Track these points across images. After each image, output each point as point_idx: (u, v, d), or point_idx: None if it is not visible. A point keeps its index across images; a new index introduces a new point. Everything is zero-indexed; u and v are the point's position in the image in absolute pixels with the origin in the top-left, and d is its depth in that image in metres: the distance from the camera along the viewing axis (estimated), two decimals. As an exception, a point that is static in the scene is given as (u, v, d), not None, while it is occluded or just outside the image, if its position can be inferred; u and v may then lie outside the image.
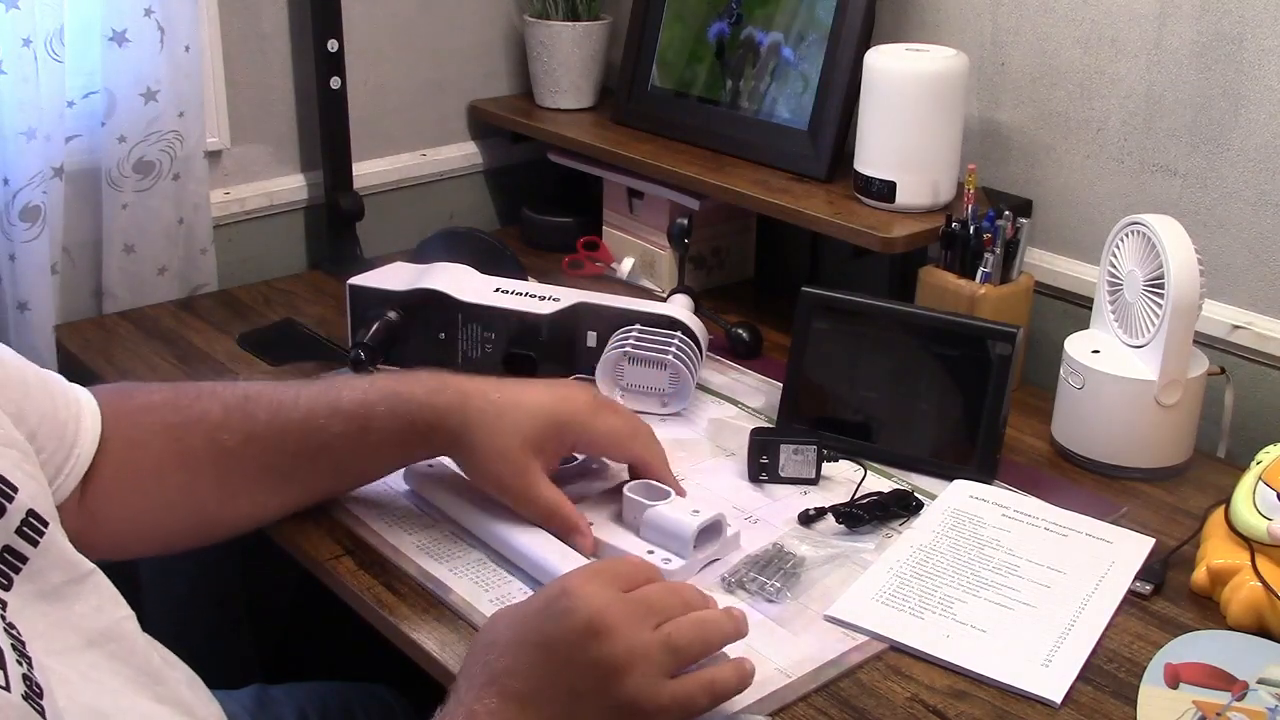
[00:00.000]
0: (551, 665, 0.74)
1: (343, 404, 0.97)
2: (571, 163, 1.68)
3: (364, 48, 1.65)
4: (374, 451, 0.99)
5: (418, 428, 0.97)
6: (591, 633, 0.74)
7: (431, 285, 1.29)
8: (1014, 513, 1.09)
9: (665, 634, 0.76)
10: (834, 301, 1.21)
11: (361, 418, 0.96)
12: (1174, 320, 1.12)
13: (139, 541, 0.98)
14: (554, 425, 0.98)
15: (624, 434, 1.03)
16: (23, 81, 1.31)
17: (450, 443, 0.98)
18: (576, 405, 1.00)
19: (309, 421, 0.96)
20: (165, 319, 1.48)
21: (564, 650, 0.74)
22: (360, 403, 0.97)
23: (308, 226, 1.68)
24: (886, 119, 1.35)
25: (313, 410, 0.96)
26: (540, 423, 0.97)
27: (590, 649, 0.74)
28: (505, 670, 0.75)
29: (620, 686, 0.74)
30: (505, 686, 0.74)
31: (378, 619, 0.96)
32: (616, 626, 0.75)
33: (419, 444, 0.99)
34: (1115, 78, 1.31)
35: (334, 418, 0.96)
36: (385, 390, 0.98)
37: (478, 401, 0.97)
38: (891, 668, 0.91)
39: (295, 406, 0.97)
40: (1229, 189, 1.25)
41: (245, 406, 0.97)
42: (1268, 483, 0.98)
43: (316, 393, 0.98)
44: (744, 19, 1.56)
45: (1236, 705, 0.86)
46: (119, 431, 0.93)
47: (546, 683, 0.74)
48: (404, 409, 0.97)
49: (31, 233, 1.36)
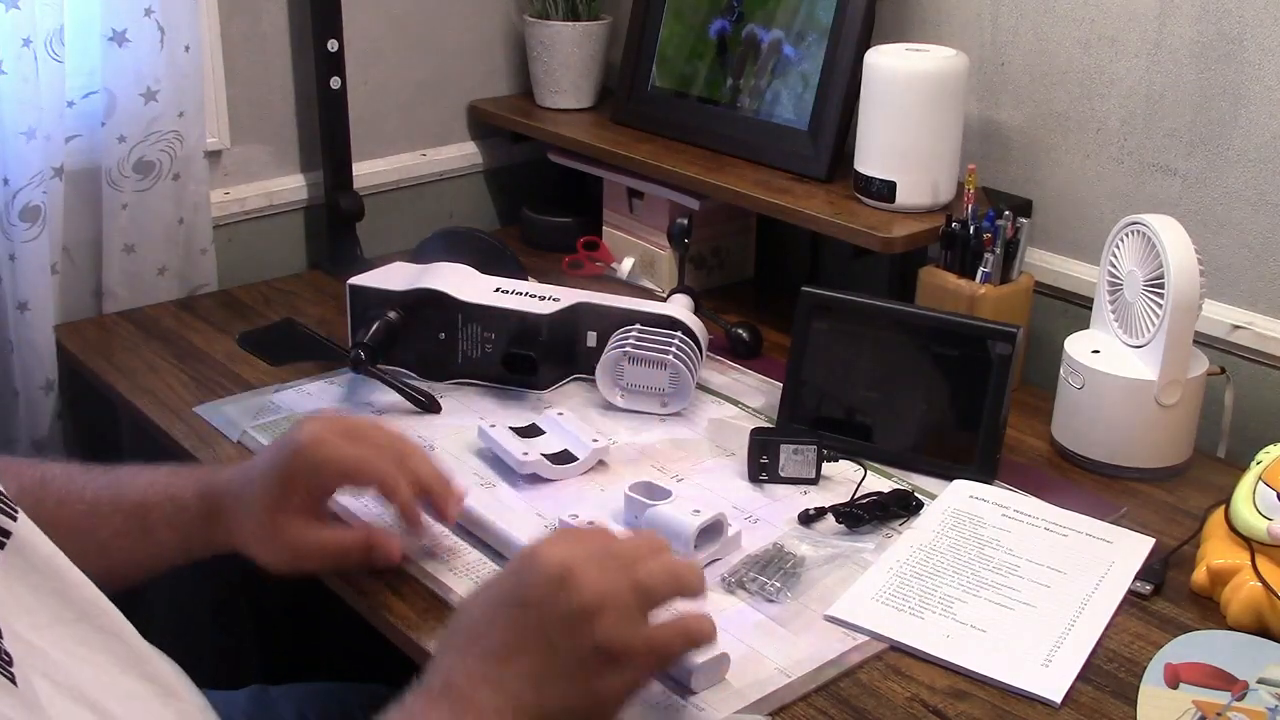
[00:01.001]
0: (526, 620, 0.75)
1: (125, 500, 0.94)
2: (571, 163, 1.68)
3: (364, 48, 1.65)
4: (159, 548, 0.96)
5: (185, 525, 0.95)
6: (560, 582, 0.74)
7: (431, 285, 1.29)
8: (1014, 513, 1.09)
9: (634, 577, 0.77)
10: (834, 301, 1.21)
11: (140, 515, 0.94)
12: (1174, 320, 1.12)
13: None
14: (278, 482, 0.93)
15: (360, 463, 0.95)
16: (23, 81, 1.31)
17: (226, 542, 0.96)
18: (297, 445, 0.94)
19: (92, 513, 0.94)
20: (165, 319, 1.48)
21: (536, 604, 0.75)
22: (140, 500, 0.95)
23: (308, 226, 1.68)
24: (886, 119, 1.35)
25: (96, 504, 0.94)
26: (267, 485, 0.93)
27: (561, 599, 0.74)
28: (481, 632, 0.76)
29: (595, 631, 0.74)
30: (482, 645, 0.75)
31: (378, 619, 0.96)
32: (584, 573, 0.75)
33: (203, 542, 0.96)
34: (1115, 78, 1.31)
35: (116, 512, 0.94)
36: (162, 486, 0.95)
37: (219, 486, 0.95)
38: (891, 668, 0.91)
39: (81, 498, 0.94)
40: (1229, 189, 1.25)
41: (36, 491, 0.93)
42: (1268, 483, 0.98)
43: (103, 486, 0.95)
44: (745, 16, 1.56)
45: (1236, 705, 0.86)
46: None
47: (522, 637, 0.74)
48: (179, 517, 0.95)
49: (31, 233, 1.36)
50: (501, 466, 1.14)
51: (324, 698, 1.11)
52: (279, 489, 0.93)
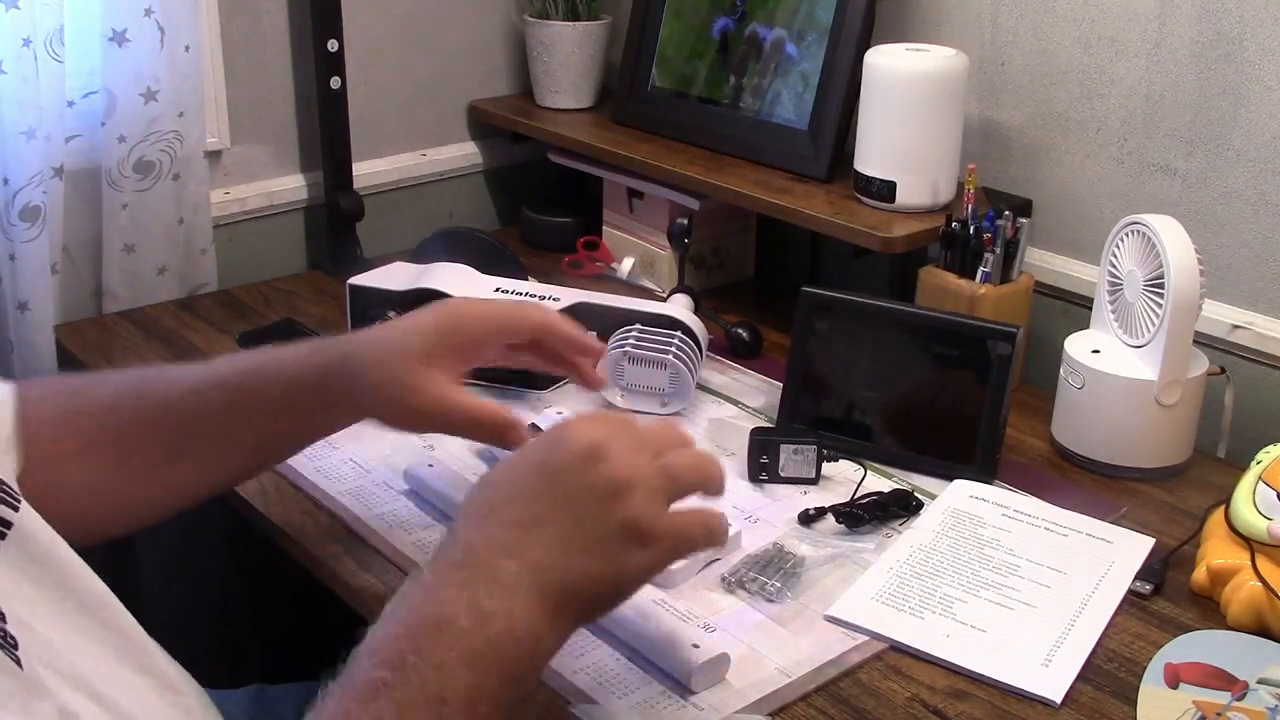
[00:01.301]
0: (552, 490, 0.74)
1: (222, 374, 0.95)
2: (571, 163, 1.68)
3: (364, 48, 1.65)
4: (259, 418, 0.95)
5: (303, 385, 0.94)
6: (591, 456, 0.74)
7: (431, 285, 1.29)
8: (1014, 513, 1.09)
9: (663, 462, 0.76)
10: (834, 301, 1.21)
11: (236, 387, 0.94)
12: (1174, 320, 1.12)
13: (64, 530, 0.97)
14: (437, 332, 0.95)
15: (512, 308, 0.99)
16: (23, 81, 1.31)
17: (343, 392, 0.94)
18: (453, 304, 0.98)
19: (192, 396, 0.94)
20: (165, 319, 1.48)
21: (563, 475, 0.74)
22: (237, 370, 0.95)
23: (308, 226, 1.68)
24: (886, 119, 1.35)
25: (195, 385, 0.94)
26: (424, 337, 0.94)
27: (589, 472, 0.73)
28: (504, 499, 0.74)
29: (620, 507, 0.73)
30: (504, 515, 0.73)
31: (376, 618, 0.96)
32: (615, 451, 0.74)
33: (307, 403, 0.95)
34: (1115, 78, 1.31)
35: (215, 388, 0.94)
36: (264, 356, 0.95)
37: (354, 344, 0.95)
38: (891, 668, 0.91)
39: (181, 382, 0.95)
40: (1229, 189, 1.25)
41: (137, 388, 0.95)
42: (1268, 483, 0.98)
43: (204, 368, 0.96)
44: (748, 15, 1.56)
45: (1236, 705, 0.86)
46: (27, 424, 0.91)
47: (546, 506, 0.73)
48: (284, 370, 0.94)
49: (31, 233, 1.36)
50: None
51: None
52: (436, 339, 0.94)
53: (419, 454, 1.15)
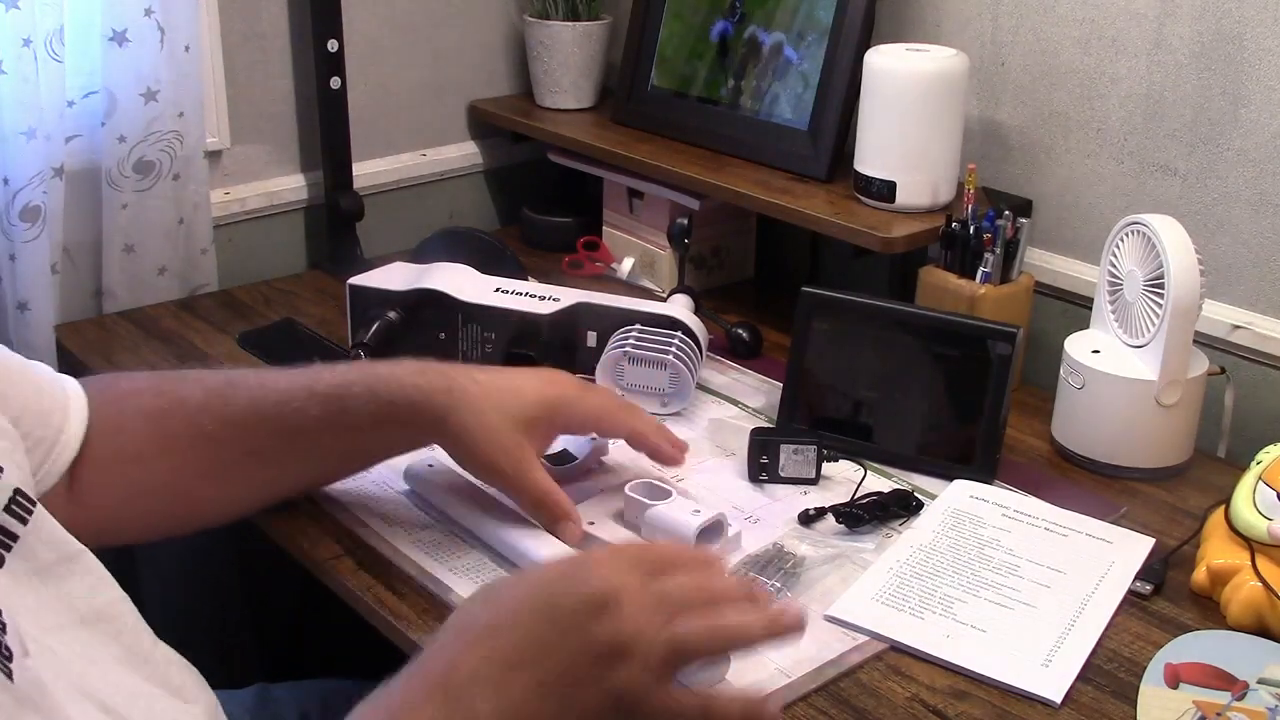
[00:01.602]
0: (549, 633, 0.69)
1: (320, 386, 0.96)
2: (571, 163, 1.68)
3: (364, 48, 1.65)
4: (352, 434, 0.97)
5: (399, 409, 0.95)
6: (599, 606, 0.68)
7: (431, 285, 1.29)
8: (1014, 513, 1.09)
9: (674, 631, 0.69)
10: (834, 301, 1.21)
11: (338, 399, 0.95)
12: (1174, 320, 1.12)
13: (126, 528, 0.98)
14: (543, 405, 0.98)
15: (612, 408, 1.03)
16: (23, 81, 1.31)
17: (435, 425, 0.96)
18: (564, 386, 1.01)
19: (286, 404, 0.95)
20: (165, 319, 1.48)
21: (565, 620, 0.69)
22: (338, 384, 0.96)
23: (308, 226, 1.68)
24: (886, 119, 1.35)
25: (290, 393, 0.96)
26: (529, 403, 0.97)
27: (592, 624, 0.68)
28: (502, 625, 0.70)
29: (613, 675, 0.68)
30: (495, 644, 0.69)
31: (378, 619, 0.96)
32: (626, 607, 0.69)
33: (399, 427, 0.97)
34: (1115, 78, 1.31)
35: (311, 400, 0.95)
36: (366, 373, 0.97)
37: (464, 383, 0.96)
38: (891, 668, 0.91)
39: (274, 389, 0.96)
40: (1229, 189, 1.25)
41: (225, 391, 0.96)
42: (1268, 483, 0.98)
43: (297, 375, 0.97)
44: (747, 18, 1.56)
45: (1236, 705, 0.86)
46: (103, 419, 0.93)
47: (538, 650, 0.68)
48: (385, 390, 0.95)
49: (31, 233, 1.36)
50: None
51: (326, 696, 1.11)
52: (540, 411, 0.97)
53: (419, 454, 1.14)
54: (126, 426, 0.94)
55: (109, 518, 0.94)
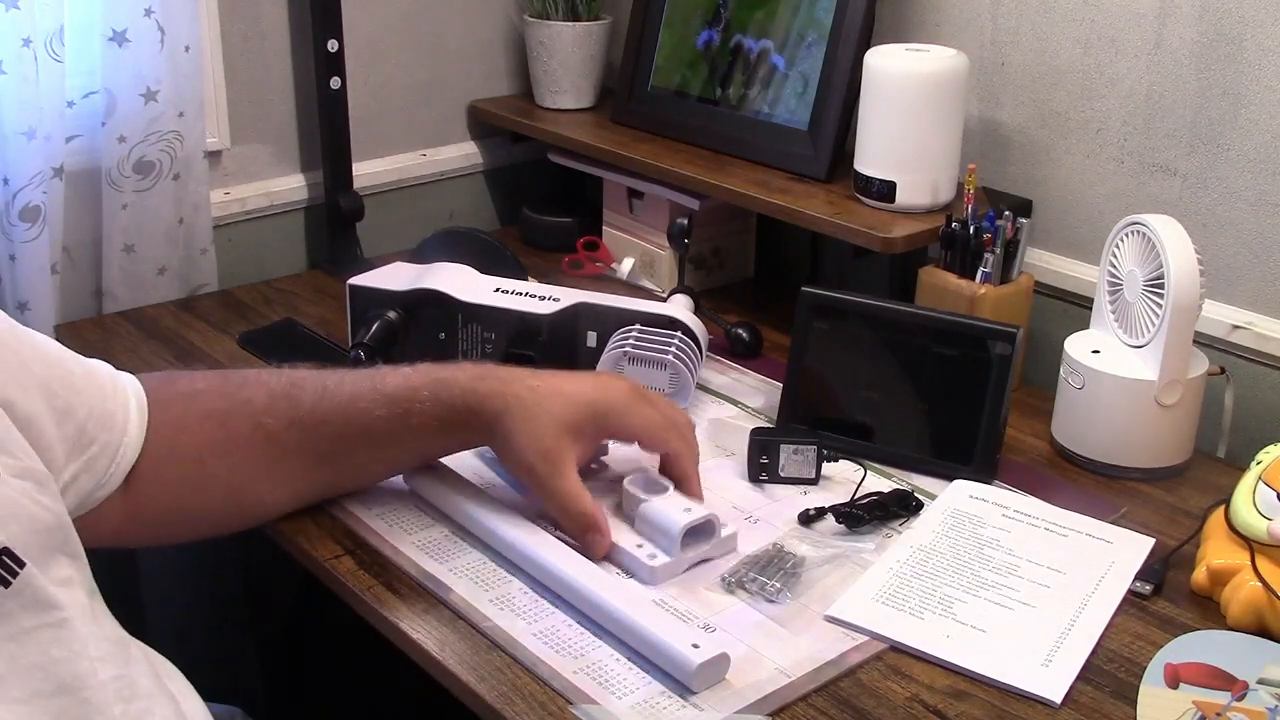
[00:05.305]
0: None
1: (387, 388, 0.98)
2: (571, 163, 1.68)
3: (364, 48, 1.65)
4: (415, 435, 0.99)
5: (459, 413, 0.98)
6: None
7: (431, 285, 1.29)
8: (1014, 513, 1.09)
9: None
10: (834, 301, 1.21)
11: (405, 401, 0.98)
12: (1174, 320, 1.12)
13: (181, 527, 1.00)
14: (591, 413, 0.99)
15: (659, 425, 1.03)
16: (23, 81, 1.31)
17: (489, 428, 0.98)
18: (615, 394, 1.01)
19: (352, 405, 0.98)
20: (165, 319, 1.48)
21: None
22: (404, 387, 0.98)
23: (308, 226, 1.68)
24: (886, 119, 1.35)
25: (356, 394, 0.98)
26: (579, 409, 0.98)
27: None
28: None
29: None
30: None
31: (378, 619, 0.96)
32: None
33: (459, 429, 0.99)
34: (1115, 78, 1.31)
35: (377, 402, 0.98)
36: (429, 376, 0.99)
37: (518, 388, 0.98)
38: (891, 668, 0.91)
39: (339, 391, 0.98)
40: (1229, 189, 1.25)
41: (290, 392, 0.98)
42: (1268, 483, 0.98)
43: (361, 377, 1.00)
44: (732, 26, 1.56)
45: (1236, 705, 0.86)
46: (163, 418, 0.94)
47: None
48: (447, 394, 0.98)
49: (31, 233, 1.36)
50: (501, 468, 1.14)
51: None
52: (588, 419, 0.98)
53: (419, 454, 1.15)
54: (189, 427, 0.96)
55: (162, 517, 0.96)
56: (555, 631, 0.92)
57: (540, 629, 0.93)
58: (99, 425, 0.88)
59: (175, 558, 1.53)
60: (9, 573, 0.71)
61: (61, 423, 0.83)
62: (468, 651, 0.91)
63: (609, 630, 0.92)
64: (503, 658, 0.90)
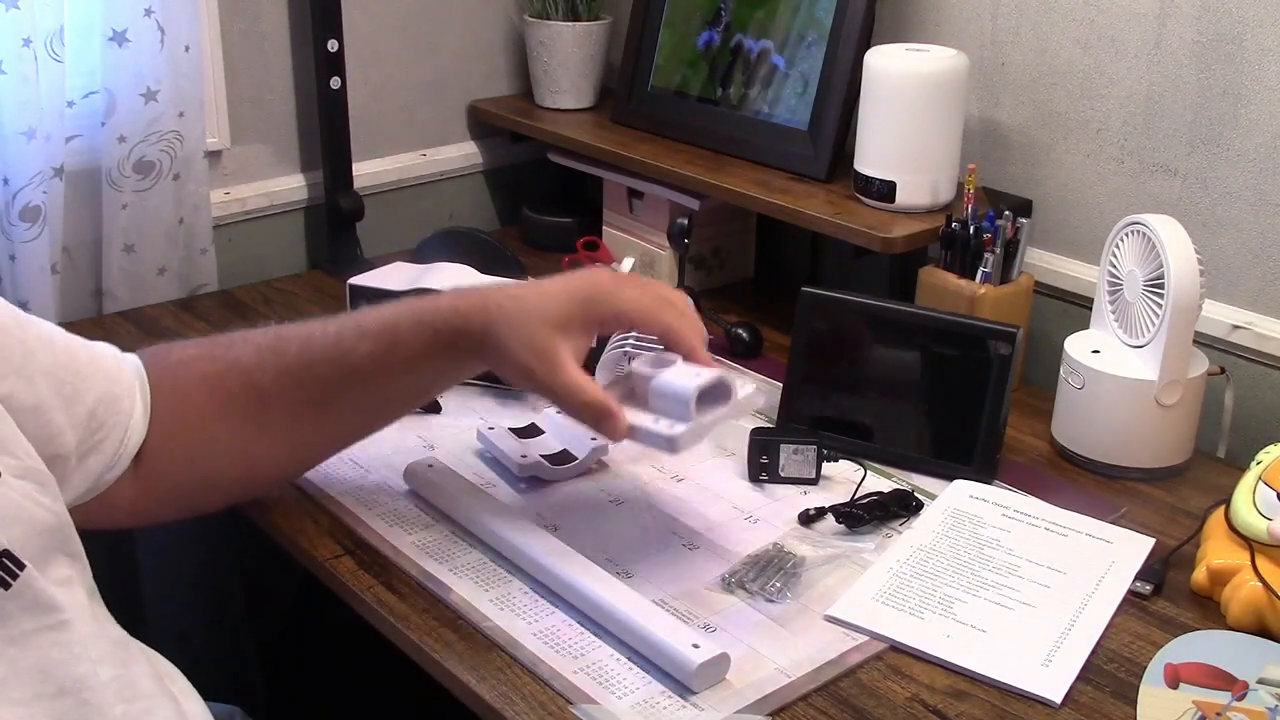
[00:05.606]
0: None
1: (368, 324, 0.98)
2: (571, 163, 1.68)
3: (364, 48, 1.65)
4: (404, 367, 0.98)
5: (444, 334, 0.97)
6: None
7: (432, 285, 1.28)
8: (1014, 513, 1.09)
9: None
10: (834, 301, 1.21)
11: (389, 333, 0.97)
12: (1174, 320, 1.12)
13: (192, 498, 1.00)
14: (574, 301, 0.96)
15: (651, 302, 0.98)
16: (23, 81, 1.31)
17: (479, 344, 0.96)
18: (598, 278, 0.99)
19: (337, 346, 0.98)
20: (165, 319, 1.48)
21: None
22: (386, 320, 0.98)
23: (308, 226, 1.68)
24: (886, 119, 1.35)
25: (340, 335, 0.98)
26: (564, 302, 0.96)
27: None
28: None
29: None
30: None
31: (378, 619, 0.96)
32: None
33: (448, 352, 0.98)
34: (1115, 78, 1.31)
35: (362, 339, 0.97)
36: (410, 306, 0.99)
37: (499, 298, 0.97)
38: (891, 668, 0.91)
39: (324, 335, 0.98)
40: (1229, 189, 1.25)
41: (276, 345, 0.98)
42: (1268, 483, 0.98)
43: (344, 320, 1.00)
44: (732, 26, 1.56)
45: (1236, 705, 0.86)
46: (161, 391, 0.95)
47: None
48: (429, 319, 0.97)
49: (31, 233, 1.36)
50: (502, 468, 1.14)
51: None
52: (574, 307, 0.95)
53: (419, 454, 1.15)
54: (187, 396, 0.96)
55: (172, 491, 0.96)
56: (555, 631, 0.93)
57: (540, 629, 0.93)
58: (108, 409, 0.89)
59: (175, 558, 1.53)
60: (9, 575, 0.71)
61: (70, 409, 0.85)
62: (468, 651, 0.91)
63: (609, 630, 0.92)
64: (503, 658, 0.90)
